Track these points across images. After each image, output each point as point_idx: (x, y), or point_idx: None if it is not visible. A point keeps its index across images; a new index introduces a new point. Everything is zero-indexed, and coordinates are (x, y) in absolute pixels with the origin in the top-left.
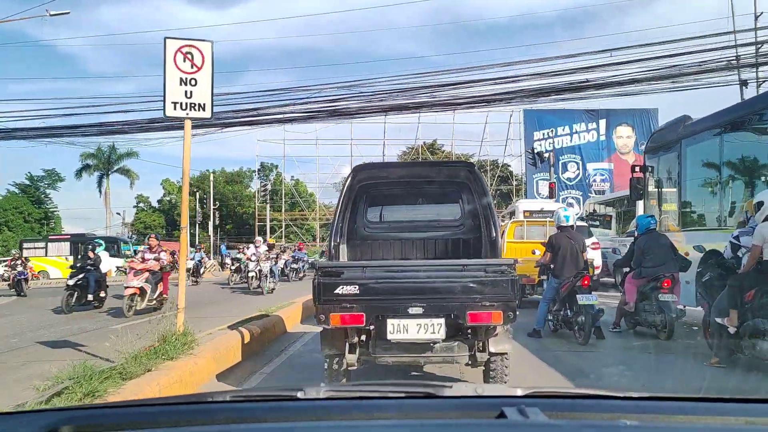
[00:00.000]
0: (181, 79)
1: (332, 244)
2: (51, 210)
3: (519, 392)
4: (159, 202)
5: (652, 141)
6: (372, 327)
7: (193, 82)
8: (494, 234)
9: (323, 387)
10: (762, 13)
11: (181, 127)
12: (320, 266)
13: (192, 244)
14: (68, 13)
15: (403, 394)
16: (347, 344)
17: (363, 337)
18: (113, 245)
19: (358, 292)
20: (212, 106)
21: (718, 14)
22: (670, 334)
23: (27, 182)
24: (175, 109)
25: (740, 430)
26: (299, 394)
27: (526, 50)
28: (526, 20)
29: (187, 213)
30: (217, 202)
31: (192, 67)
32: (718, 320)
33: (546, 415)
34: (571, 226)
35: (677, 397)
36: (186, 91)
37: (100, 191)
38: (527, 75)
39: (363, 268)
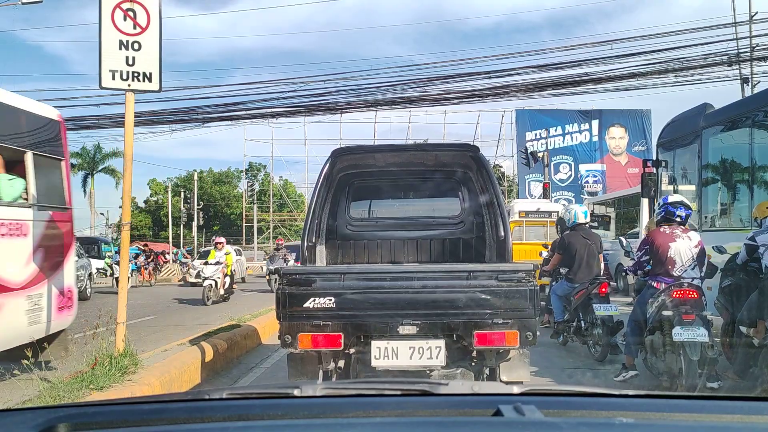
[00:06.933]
0: (121, 42)
1: (306, 244)
2: None
3: (515, 390)
4: (145, 202)
5: (667, 133)
6: (352, 351)
7: (136, 45)
8: (502, 233)
9: (320, 384)
10: (756, 13)
11: (163, 123)
12: (286, 272)
13: (177, 245)
14: (41, 1)
15: (399, 392)
16: (320, 372)
17: (341, 364)
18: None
19: (334, 305)
20: (161, 75)
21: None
22: None
23: None
24: (113, 79)
25: (734, 427)
26: (296, 392)
27: (517, 53)
28: (517, 24)
29: (129, 207)
30: (201, 203)
31: (135, 27)
32: (743, 329)
33: (542, 413)
34: (587, 224)
35: (672, 395)
36: (127, 57)
37: (84, 191)
38: (522, 68)
39: (341, 274)
